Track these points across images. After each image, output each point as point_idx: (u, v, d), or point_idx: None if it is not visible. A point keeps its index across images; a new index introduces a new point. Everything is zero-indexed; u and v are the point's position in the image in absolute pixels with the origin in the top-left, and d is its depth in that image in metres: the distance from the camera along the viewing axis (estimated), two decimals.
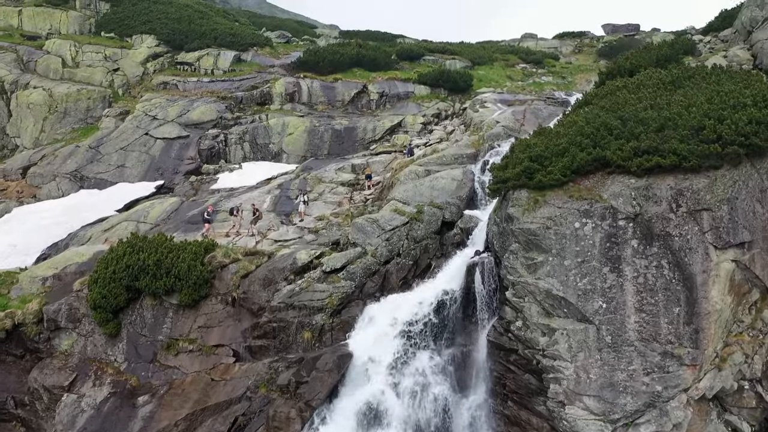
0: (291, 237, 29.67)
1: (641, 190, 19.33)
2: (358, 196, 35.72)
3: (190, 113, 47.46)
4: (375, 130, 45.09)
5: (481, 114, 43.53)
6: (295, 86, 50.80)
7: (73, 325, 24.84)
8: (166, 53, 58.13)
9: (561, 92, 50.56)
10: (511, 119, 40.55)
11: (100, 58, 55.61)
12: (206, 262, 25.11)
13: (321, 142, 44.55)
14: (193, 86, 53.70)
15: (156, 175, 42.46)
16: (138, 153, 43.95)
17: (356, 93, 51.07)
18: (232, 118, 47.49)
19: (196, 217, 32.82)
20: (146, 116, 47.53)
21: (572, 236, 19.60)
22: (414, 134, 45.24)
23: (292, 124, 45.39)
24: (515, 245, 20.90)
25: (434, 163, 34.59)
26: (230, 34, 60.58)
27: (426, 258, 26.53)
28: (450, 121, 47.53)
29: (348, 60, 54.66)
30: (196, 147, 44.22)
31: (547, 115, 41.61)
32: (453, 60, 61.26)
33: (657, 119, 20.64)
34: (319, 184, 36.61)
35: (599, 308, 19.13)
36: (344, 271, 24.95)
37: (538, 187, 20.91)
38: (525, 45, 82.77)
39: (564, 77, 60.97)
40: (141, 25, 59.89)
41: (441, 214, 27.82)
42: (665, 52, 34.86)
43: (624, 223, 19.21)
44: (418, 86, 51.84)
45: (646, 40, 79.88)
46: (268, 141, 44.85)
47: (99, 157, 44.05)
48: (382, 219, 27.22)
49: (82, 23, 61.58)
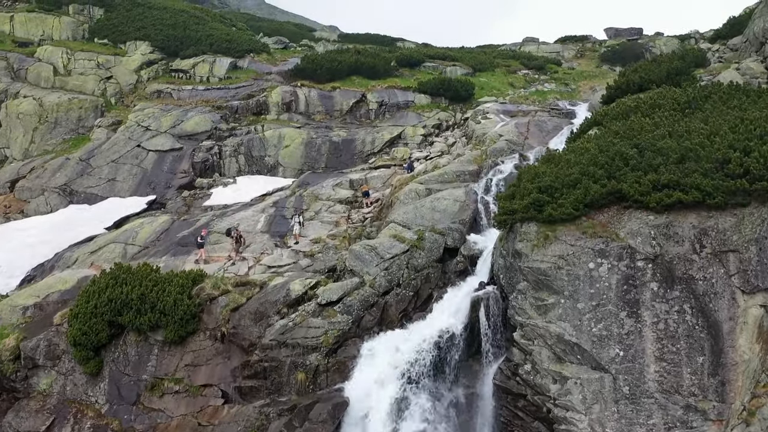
0: (285, 262, 28.03)
1: (661, 228, 17.70)
2: (356, 214, 34.09)
3: (183, 124, 45.80)
4: (374, 142, 43.44)
5: (484, 126, 41.93)
6: (292, 95, 49.11)
7: (52, 363, 23.20)
8: (161, 60, 56.40)
9: (565, 101, 48.91)
10: (515, 132, 38.95)
11: (92, 65, 53.88)
12: (194, 294, 23.49)
13: (318, 154, 42.89)
14: (188, 95, 52.03)
15: (148, 189, 40.81)
16: (130, 166, 42.29)
17: (355, 102, 49.39)
18: (227, 129, 45.81)
19: (187, 239, 31.18)
20: (139, 127, 45.85)
21: (586, 277, 17.98)
22: (414, 146, 43.59)
23: (288, 135, 43.73)
24: (524, 284, 19.29)
25: (435, 181, 32.97)
26: (226, 40, 58.88)
27: (427, 288, 24.91)
28: (451, 132, 45.89)
29: (346, 68, 52.96)
30: (190, 160, 42.55)
31: (552, 127, 40.07)
32: (454, 67, 59.57)
33: (677, 149, 18.99)
34: (316, 202, 34.96)
35: (616, 356, 17.52)
36: (341, 303, 23.33)
37: (548, 221, 19.31)
38: (526, 49, 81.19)
39: (567, 84, 59.34)
40: (135, 32, 58.15)
41: (443, 240, 26.16)
42: (676, 65, 33.22)
43: (642, 264, 17.58)
44: (418, 95, 50.15)
45: (649, 45, 78.41)
46: (263, 153, 43.19)
47: (89, 170, 42.39)
48: (380, 246, 25.57)
49: (75, 29, 59.84)
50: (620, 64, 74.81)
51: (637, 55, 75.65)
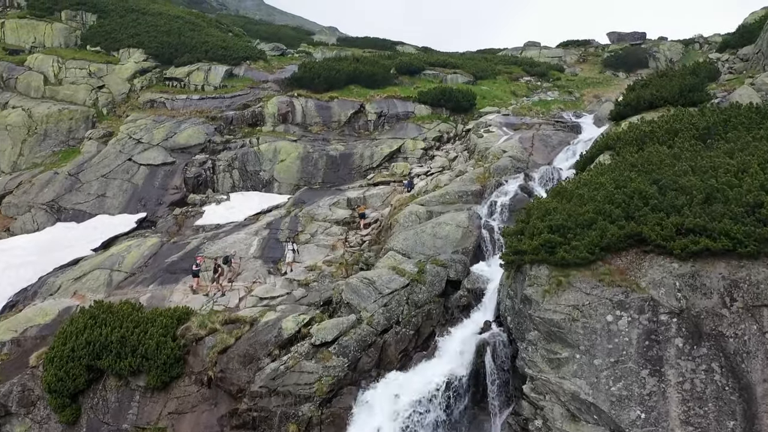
0: (278, 293, 26.29)
1: (686, 278, 15.95)
2: (354, 236, 32.37)
3: (176, 136, 44.03)
4: (372, 156, 41.65)
5: (486, 140, 40.20)
6: (289, 106, 47.32)
7: (26, 410, 21.48)
8: (155, 68, 54.60)
9: (569, 112, 47.15)
10: (519, 148, 37.21)
11: (84, 74, 52.08)
12: (179, 335, 21.77)
13: (315, 169, 41.11)
14: (182, 104, 50.27)
15: (138, 206, 39.04)
16: (120, 181, 40.51)
17: (353, 113, 47.61)
18: (221, 141, 44.03)
19: (176, 265, 29.47)
20: (130, 139, 44.08)
21: (604, 331, 16.23)
22: (414, 161, 41.84)
23: (284, 149, 41.94)
24: (534, 333, 17.56)
25: (437, 202, 31.29)
26: (222, 47, 57.10)
27: (429, 325, 23.16)
28: (452, 145, 44.13)
29: (344, 77, 51.18)
30: (182, 175, 40.77)
31: (557, 142, 38.35)
32: (455, 74, 57.88)
33: (701, 188, 17.22)
34: (312, 224, 33.22)
35: (637, 419, 15.77)
36: (336, 344, 21.60)
37: (560, 265, 17.58)
38: (528, 54, 79.55)
39: (570, 92, 57.60)
40: (128, 39, 56.32)
41: (445, 273, 24.42)
42: (689, 81, 31.42)
43: (666, 318, 15.83)
44: (419, 105, 48.37)
45: (653, 50, 76.60)
46: (258, 168, 41.40)
47: (78, 186, 40.59)
48: (379, 280, 23.82)
49: (67, 36, 58.03)
50: (623, 70, 73.24)
51: (641, 61, 73.99)
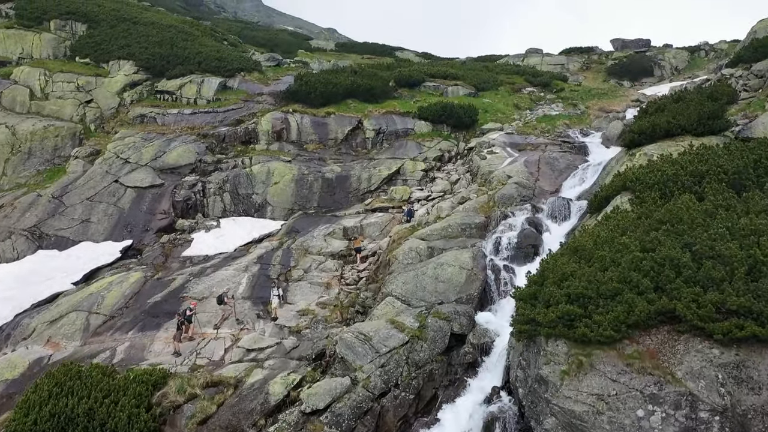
0: (267, 344, 23.97)
1: (730, 369, 13.68)
2: (350, 272, 30.09)
3: (166, 156, 41.69)
4: (370, 179, 39.30)
5: (490, 162, 37.90)
6: (283, 123, 44.96)
7: None
8: (145, 81, 52.19)
9: (575, 130, 44.83)
10: (524, 173, 34.94)
11: (71, 88, 49.67)
12: (155, 402, 19.46)
13: (310, 193, 38.78)
14: (173, 119, 47.92)
15: (124, 232, 36.72)
16: (105, 205, 38.17)
17: (350, 130, 45.26)
18: (212, 161, 41.68)
19: (159, 307, 27.19)
20: (117, 159, 41.73)
21: (634, 428, 13.93)
22: (414, 183, 39.50)
23: (278, 171, 39.58)
24: (551, 420, 15.25)
25: (438, 236, 29.06)
26: (216, 58, 54.69)
27: (431, 387, 20.85)
28: (454, 166, 41.80)
29: (342, 91, 48.79)
30: (171, 198, 38.44)
31: (564, 166, 36.07)
32: (456, 86, 55.49)
33: (743, 259, 14.92)
34: (305, 257, 30.91)
35: None
36: (328, 412, 19.31)
37: (581, 342, 15.30)
38: (530, 62, 77.27)
39: (575, 104, 55.23)
40: (119, 50, 53.87)
41: (449, 328, 22.11)
42: (708, 108, 29.07)
43: (707, 416, 13.54)
44: (418, 122, 46.04)
45: (658, 57, 74.19)
46: (251, 191, 39.05)
47: (62, 210, 38.24)
48: (376, 336, 21.51)
49: (56, 46, 55.59)
50: (628, 78, 70.86)
51: (646, 69, 71.64)
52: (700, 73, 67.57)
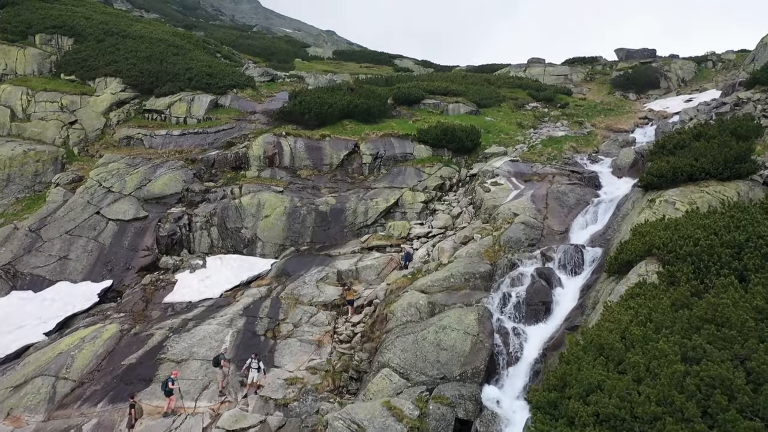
0: (250, 423, 21.17)
1: None
2: (344, 326, 27.34)
3: (151, 184, 38.89)
4: (367, 213, 36.49)
5: (494, 195, 35.15)
6: (276, 147, 42.12)
7: None
8: (133, 99, 49.38)
9: (583, 155, 42.04)
10: (531, 209, 32.19)
11: (55, 108, 46.83)
12: None
13: (302, 227, 35.97)
14: (161, 141, 45.13)
15: (104, 271, 33.95)
16: (85, 240, 35.38)
17: (346, 155, 42.44)
18: (199, 191, 38.87)
19: (133, 372, 24.42)
20: (100, 187, 38.93)
21: None
22: (413, 216, 36.70)
23: (268, 203, 36.77)
24: None
25: (440, 287, 26.37)
26: (207, 74, 51.87)
27: None
28: (455, 194, 39.02)
29: (338, 111, 45.98)
30: (155, 233, 35.66)
31: (574, 201, 33.31)
32: (456, 104, 52.72)
33: None
34: (295, 308, 28.15)
35: None
36: None
37: None
38: (532, 72, 74.51)
39: (580, 122, 52.46)
40: (105, 66, 50.99)
41: (453, 415, 19.36)
42: (734, 150, 26.19)
43: None
44: (418, 146, 43.20)
45: (664, 68, 71.28)
46: (240, 225, 36.25)
47: (39, 245, 35.44)
48: (370, 426, 18.73)
49: (41, 62, 52.69)
50: (633, 90, 67.98)
51: (652, 81, 68.77)
52: (707, 86, 64.77)
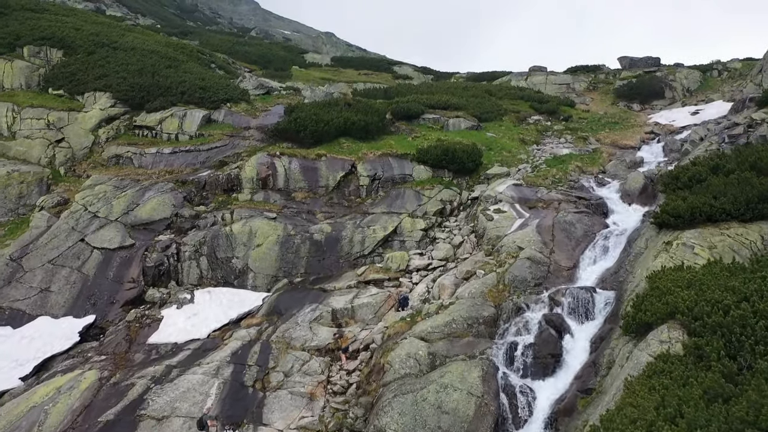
0: None
1: None
2: (338, 375, 25.32)
3: (139, 209, 36.88)
4: (364, 242, 34.45)
5: (497, 224, 33.16)
6: (270, 168, 40.07)
7: None
8: (123, 115, 47.33)
9: (590, 178, 40.02)
10: (537, 242, 30.27)
11: (41, 125, 44.76)
12: None
13: (296, 257, 33.95)
14: (151, 160, 43.13)
15: (87, 305, 31.96)
16: (68, 270, 33.37)
17: (343, 176, 40.41)
18: (189, 216, 36.86)
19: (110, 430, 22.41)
20: (86, 212, 36.91)
21: None
22: (413, 245, 34.68)
23: (261, 231, 34.73)
24: None
25: (440, 333, 24.54)
26: (200, 87, 49.82)
27: None
28: (456, 221, 36.98)
29: (334, 129, 43.95)
30: (141, 263, 33.64)
31: (582, 233, 31.36)
32: (457, 118, 50.68)
33: None
34: (286, 354, 26.14)
35: None
36: None
37: None
38: (534, 80, 72.58)
39: (585, 138, 50.48)
40: (95, 81, 48.90)
41: None
42: (756, 189, 24.10)
43: None
44: (417, 167, 41.16)
45: (669, 78, 69.18)
46: (230, 254, 34.22)
47: (20, 275, 33.42)
48: None
49: (29, 75, 50.56)
50: (638, 101, 65.91)
51: (656, 91, 66.68)
52: (714, 97, 62.75)
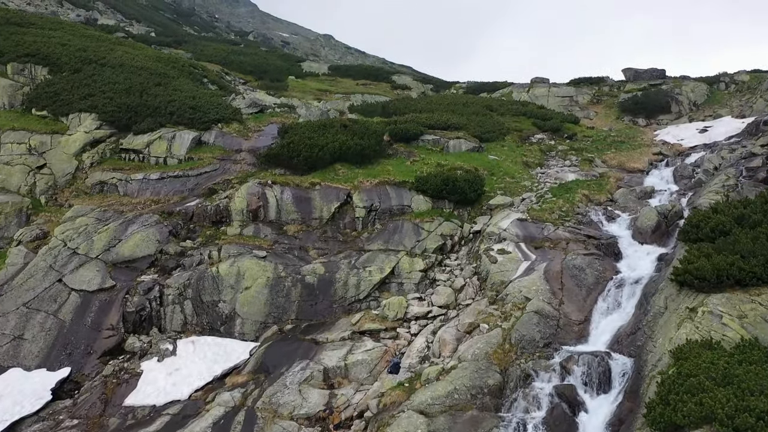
0: None
1: None
2: None
3: (121, 245, 34.33)
4: (359, 285, 31.89)
5: (501, 267, 30.67)
6: (261, 199, 37.48)
7: None
8: (109, 137, 44.70)
9: (598, 210, 37.42)
10: (544, 291, 27.79)
11: (22, 150, 42.15)
12: None
13: (287, 301, 31.39)
14: (137, 187, 40.57)
15: (62, 356, 29.44)
16: (44, 315, 30.82)
17: (338, 207, 37.80)
18: (174, 253, 34.30)
19: None
20: (65, 248, 34.32)
21: None
22: (411, 288, 32.12)
23: (249, 273, 32.14)
24: None
25: (441, 406, 22.02)
26: (191, 106, 47.18)
27: None
28: (457, 258, 34.43)
29: (329, 155, 41.32)
30: (121, 308, 31.11)
31: (593, 280, 28.94)
32: (457, 139, 48.12)
33: None
34: (273, 424, 23.59)
35: None
36: None
37: None
38: (536, 92, 69.86)
39: (590, 160, 48.02)
40: (80, 101, 46.21)
41: None
42: None
43: None
44: (416, 196, 38.55)
45: (675, 91, 66.59)
46: (217, 298, 31.66)
47: None
48: None
49: (12, 94, 48.01)
50: (643, 116, 63.37)
51: (662, 105, 64.06)
52: (722, 112, 60.20)
